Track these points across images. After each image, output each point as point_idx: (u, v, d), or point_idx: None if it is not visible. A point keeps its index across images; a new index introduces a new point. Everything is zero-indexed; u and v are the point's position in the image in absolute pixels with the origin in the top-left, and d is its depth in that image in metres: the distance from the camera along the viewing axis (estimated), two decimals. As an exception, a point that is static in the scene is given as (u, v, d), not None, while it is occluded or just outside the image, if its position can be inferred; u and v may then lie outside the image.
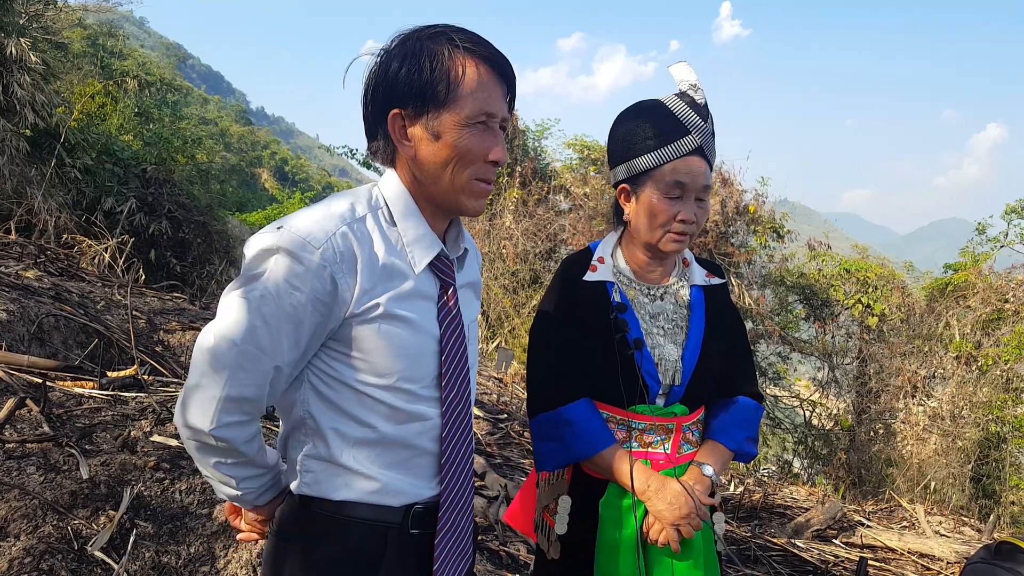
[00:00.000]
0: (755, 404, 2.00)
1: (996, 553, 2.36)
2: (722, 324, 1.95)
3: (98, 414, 3.54)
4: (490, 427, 5.90)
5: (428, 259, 1.35)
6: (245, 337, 1.22)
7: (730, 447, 1.92)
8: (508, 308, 12.76)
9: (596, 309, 1.85)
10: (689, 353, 1.87)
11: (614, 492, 1.84)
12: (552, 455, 1.86)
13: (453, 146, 1.29)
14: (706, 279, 1.97)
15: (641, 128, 1.82)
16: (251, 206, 26.11)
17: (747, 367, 2.03)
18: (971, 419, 10.68)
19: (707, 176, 1.80)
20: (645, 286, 1.91)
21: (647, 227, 1.84)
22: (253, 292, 1.23)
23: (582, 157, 13.66)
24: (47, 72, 10.26)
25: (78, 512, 2.73)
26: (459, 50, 1.29)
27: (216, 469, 1.34)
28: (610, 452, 1.81)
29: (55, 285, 5.76)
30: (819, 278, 12.18)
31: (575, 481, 1.91)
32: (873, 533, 5.29)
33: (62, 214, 9.11)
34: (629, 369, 1.80)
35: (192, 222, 11.72)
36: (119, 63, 17.61)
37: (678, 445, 1.88)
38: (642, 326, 1.86)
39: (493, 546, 3.52)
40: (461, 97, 1.28)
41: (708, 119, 1.80)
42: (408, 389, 1.33)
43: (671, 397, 1.87)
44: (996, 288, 11.09)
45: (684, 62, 1.85)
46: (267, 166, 66.72)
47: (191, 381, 1.26)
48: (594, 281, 1.88)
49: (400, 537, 1.36)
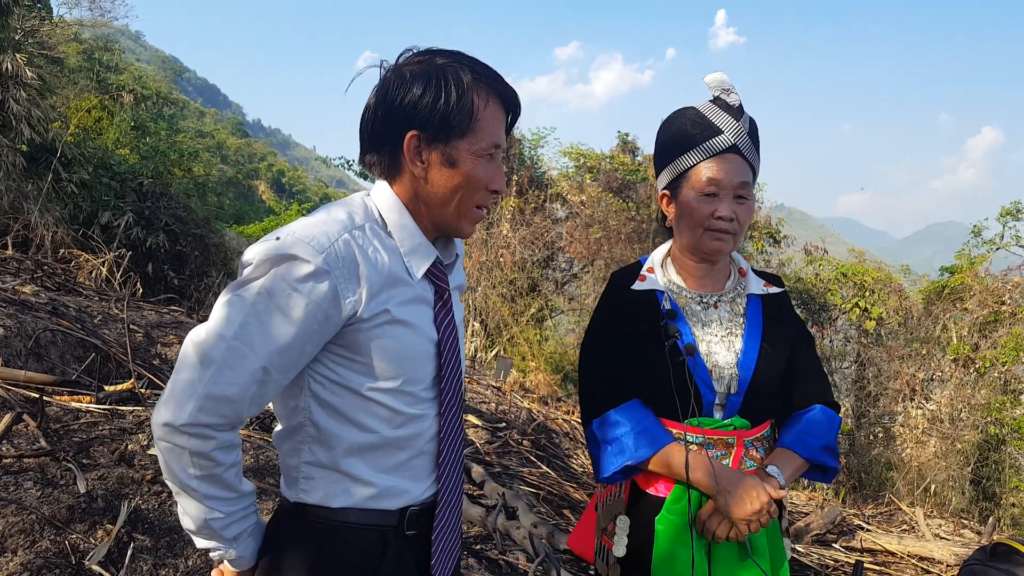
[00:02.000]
0: (831, 413, 1.88)
1: (992, 555, 2.37)
2: (783, 333, 1.87)
3: (95, 428, 3.54)
4: (488, 436, 5.89)
5: (426, 266, 1.38)
6: (236, 333, 1.21)
7: (802, 454, 1.80)
8: (506, 316, 12.77)
9: (646, 318, 1.81)
10: (745, 360, 1.79)
11: (672, 508, 1.75)
12: (609, 459, 1.77)
13: (466, 174, 1.34)
14: (764, 288, 1.91)
15: (676, 134, 1.84)
16: (248, 218, 26.14)
17: (818, 377, 1.93)
18: (970, 421, 10.69)
19: (743, 173, 1.78)
20: (697, 294, 1.87)
21: (687, 228, 1.82)
22: (249, 291, 1.22)
23: (578, 165, 13.71)
24: (43, 87, 10.29)
25: (76, 526, 2.73)
26: (481, 83, 1.34)
27: (184, 480, 1.24)
28: (673, 449, 1.73)
29: (52, 300, 5.77)
30: (816, 283, 12.21)
31: (633, 499, 1.83)
32: (873, 537, 5.30)
33: (59, 229, 9.13)
34: (681, 377, 1.74)
35: (189, 235, 11.74)
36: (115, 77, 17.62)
37: (739, 460, 1.78)
38: (694, 333, 1.81)
39: (492, 555, 3.51)
40: (479, 129, 1.33)
41: (742, 119, 1.79)
42: (410, 391, 1.35)
43: (729, 409, 1.79)
44: (992, 290, 11.13)
45: (719, 72, 1.87)
46: (264, 178, 66.75)
47: (174, 376, 1.23)
48: (643, 290, 1.85)
49: (397, 540, 1.37)
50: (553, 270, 13.93)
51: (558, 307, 13.87)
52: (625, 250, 12.07)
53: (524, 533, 3.54)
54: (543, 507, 4.57)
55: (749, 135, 1.80)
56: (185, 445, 1.21)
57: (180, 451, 1.22)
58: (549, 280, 13.84)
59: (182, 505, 1.29)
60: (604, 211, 12.53)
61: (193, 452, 1.22)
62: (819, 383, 1.92)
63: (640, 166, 13.18)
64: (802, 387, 1.88)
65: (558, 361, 12.49)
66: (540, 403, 8.38)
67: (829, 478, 1.90)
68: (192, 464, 1.23)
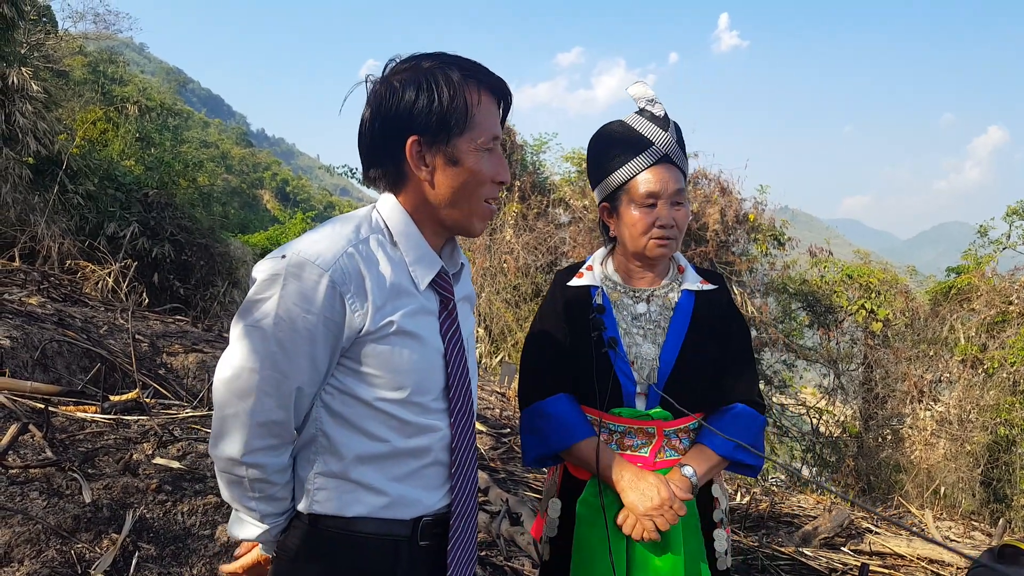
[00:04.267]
0: (751, 412, 1.94)
1: (1000, 557, 2.35)
2: (714, 329, 1.93)
3: (100, 438, 3.56)
4: (493, 442, 5.89)
5: (430, 277, 1.40)
6: (264, 364, 1.26)
7: (718, 452, 1.88)
8: (511, 322, 12.76)
9: (578, 312, 1.92)
10: (666, 353, 1.87)
11: (591, 491, 1.86)
12: (531, 447, 1.91)
13: (471, 170, 1.36)
14: (699, 284, 1.99)
15: (608, 149, 1.94)
16: (253, 227, 26.23)
17: (745, 374, 1.99)
18: (979, 423, 10.62)
19: (677, 180, 1.88)
20: (631, 290, 1.96)
21: (631, 238, 1.91)
22: (266, 319, 1.25)
23: (580, 170, 13.71)
24: (49, 100, 10.36)
25: (81, 536, 2.73)
26: (470, 78, 1.36)
27: (244, 503, 1.35)
28: (586, 444, 1.84)
29: (58, 311, 5.80)
30: (821, 285, 12.16)
31: (564, 484, 1.95)
32: (882, 540, 5.26)
33: (65, 240, 9.17)
34: (604, 368, 1.84)
35: (195, 245, 11.78)
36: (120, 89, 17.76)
37: (658, 450, 1.88)
38: (621, 326, 1.90)
39: (497, 561, 3.51)
40: (476, 124, 1.35)
41: (669, 128, 1.88)
42: (419, 402, 1.36)
43: (651, 400, 1.87)
44: (1000, 290, 11.06)
45: (641, 81, 1.99)
46: (268, 187, 67.01)
47: (218, 413, 1.29)
48: (579, 286, 1.97)
49: (411, 550, 1.38)
50: (557, 275, 13.93)
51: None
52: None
53: (528, 539, 3.54)
54: (549, 513, 4.56)
55: (678, 142, 1.89)
56: (244, 475, 1.31)
57: (240, 480, 1.32)
58: (554, 285, 13.83)
59: (243, 520, 1.39)
60: (608, 216, 12.51)
61: (252, 479, 1.32)
62: (745, 380, 1.98)
63: (643, 170, 13.13)
64: (727, 383, 1.95)
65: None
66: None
67: (754, 473, 1.98)
68: (252, 489, 1.33)
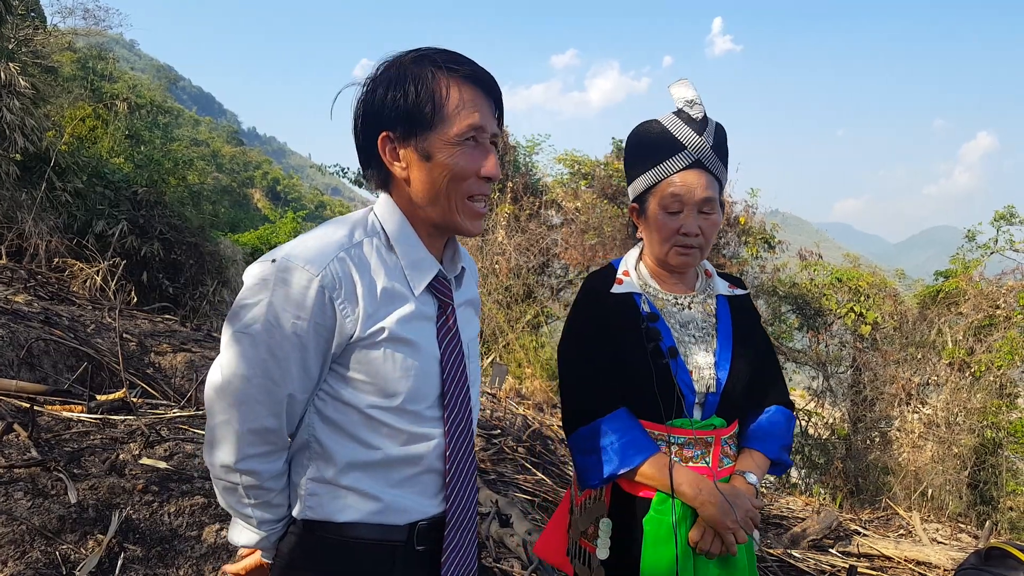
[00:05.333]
0: (788, 413, 1.96)
1: (987, 559, 2.36)
2: (749, 334, 1.92)
3: (87, 438, 3.52)
4: (484, 443, 5.88)
5: (426, 281, 1.36)
6: (255, 372, 1.24)
7: (767, 455, 1.87)
8: (502, 323, 12.75)
9: (626, 320, 1.83)
10: (721, 360, 1.83)
11: (659, 508, 1.77)
12: (595, 469, 1.78)
13: (445, 165, 1.31)
14: (729, 290, 1.96)
15: (641, 149, 1.87)
16: (244, 226, 26.10)
17: (777, 377, 2.00)
18: (966, 426, 10.69)
19: (707, 188, 1.79)
20: (672, 296, 1.90)
21: (654, 242, 1.87)
22: (255, 324, 1.23)
23: (573, 172, 13.72)
24: (37, 96, 10.27)
25: (66, 537, 2.71)
26: (442, 71, 1.30)
27: (240, 510, 1.35)
28: (654, 460, 1.75)
29: (45, 309, 5.75)
30: (811, 288, 12.21)
31: (614, 502, 1.84)
32: (869, 542, 5.28)
33: (53, 238, 9.09)
34: (665, 379, 1.75)
35: (184, 243, 11.71)
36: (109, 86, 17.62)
37: (719, 459, 1.82)
38: (674, 335, 1.83)
39: (486, 563, 3.49)
40: (448, 117, 1.29)
41: (705, 132, 1.80)
42: (414, 410, 1.34)
43: (707, 408, 1.82)
44: (987, 294, 11.15)
45: (684, 80, 1.86)
46: (259, 186, 66.70)
47: (211, 421, 1.29)
48: (621, 293, 1.87)
49: (406, 555, 1.36)
50: (548, 276, 13.92)
51: (554, 313, 13.85)
52: (620, 255, 12.01)
53: (518, 540, 3.53)
54: (539, 514, 4.55)
55: (714, 148, 1.81)
56: (238, 482, 1.31)
57: (235, 487, 1.32)
58: (544, 287, 13.83)
59: (240, 526, 1.39)
60: (599, 217, 12.53)
61: (247, 487, 1.32)
62: (778, 384, 1.99)
63: (635, 172, 13.14)
64: (764, 387, 1.94)
65: (554, 367, 12.47)
66: (535, 409, 8.37)
67: (782, 472, 1.97)
68: (247, 496, 1.33)
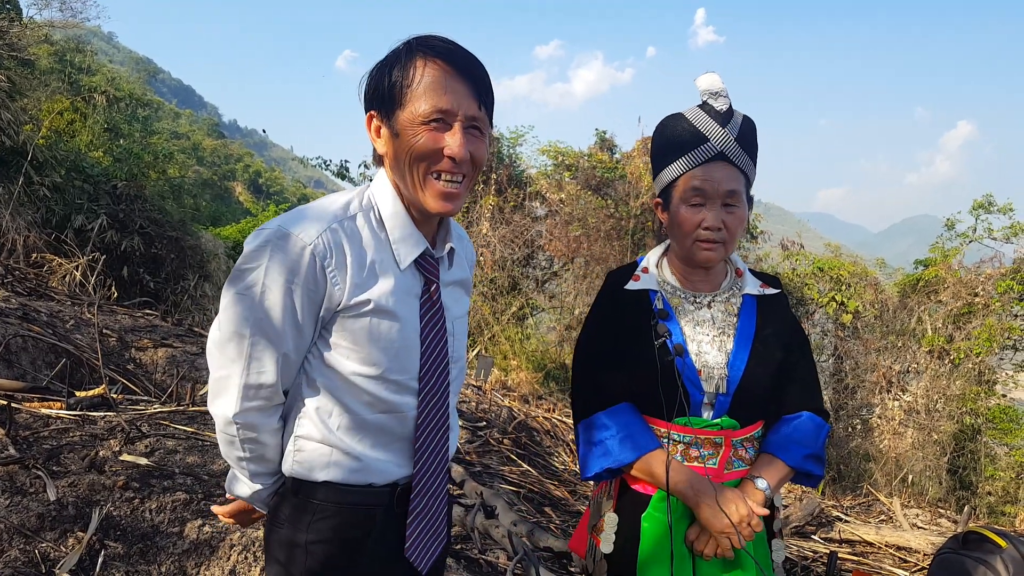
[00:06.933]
0: (819, 421, 1.87)
1: (964, 543, 2.40)
2: (777, 335, 1.85)
3: (66, 435, 3.49)
4: (469, 435, 5.88)
5: (413, 257, 1.43)
6: (252, 330, 1.33)
7: (788, 462, 1.79)
8: (487, 315, 12.75)
9: (638, 317, 1.81)
10: (735, 360, 1.78)
11: (658, 506, 1.77)
12: (594, 461, 1.79)
13: (408, 142, 1.37)
14: (760, 289, 1.89)
15: (664, 142, 1.84)
16: (225, 220, 25.87)
17: (810, 382, 1.91)
18: (946, 412, 10.84)
19: (731, 181, 1.76)
20: (691, 295, 1.86)
21: (677, 237, 1.83)
22: (254, 287, 1.32)
23: (557, 163, 13.71)
24: (13, 90, 10.12)
25: (46, 535, 2.68)
26: (418, 54, 1.36)
27: (236, 461, 1.44)
28: (654, 456, 1.74)
29: (23, 305, 5.67)
30: (793, 277, 12.31)
31: (622, 498, 1.85)
32: (851, 528, 5.34)
33: (31, 233, 8.97)
34: (670, 376, 1.73)
35: (165, 238, 11.59)
36: (88, 79, 17.34)
37: (726, 461, 1.78)
38: (686, 333, 1.81)
39: (472, 554, 3.50)
40: (416, 97, 1.35)
41: (729, 124, 1.77)
42: (396, 380, 1.41)
43: (718, 409, 1.78)
44: (966, 282, 11.29)
45: (712, 72, 1.83)
46: (241, 179, 66.14)
47: (214, 374, 1.39)
48: (637, 290, 1.86)
49: (386, 515, 1.45)
50: (533, 268, 13.93)
51: (539, 305, 13.87)
52: (604, 247, 12.08)
53: (503, 532, 3.54)
54: (524, 505, 4.56)
55: (739, 140, 1.78)
56: (235, 434, 1.40)
57: (232, 439, 1.41)
58: (529, 278, 13.85)
59: (237, 478, 1.50)
60: (583, 209, 12.54)
61: (243, 439, 1.40)
62: (810, 388, 1.90)
63: (618, 164, 13.19)
64: (792, 391, 1.87)
65: (539, 359, 12.50)
66: (521, 401, 8.38)
67: (815, 483, 1.90)
68: (243, 449, 1.42)
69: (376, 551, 1.44)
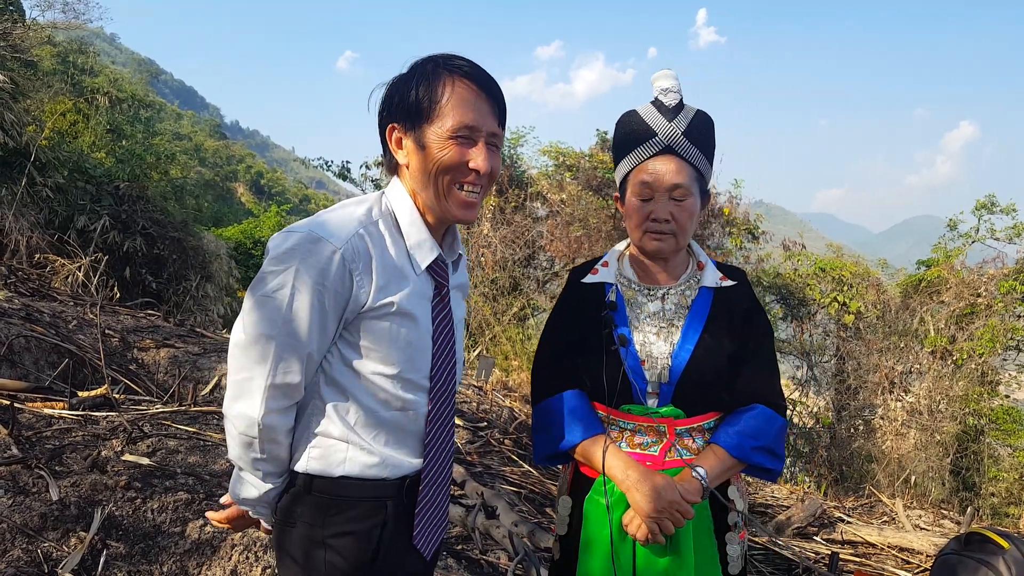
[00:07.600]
0: (771, 413, 1.86)
1: (966, 544, 2.39)
2: (731, 327, 1.86)
3: (68, 435, 3.49)
4: (470, 435, 5.88)
5: (428, 261, 1.50)
6: (281, 330, 1.36)
7: (733, 454, 1.80)
8: (488, 316, 12.75)
9: (591, 309, 1.90)
10: (679, 351, 1.82)
11: (599, 490, 1.81)
12: (541, 445, 1.90)
13: (434, 155, 1.44)
14: (718, 281, 1.92)
15: (620, 138, 1.93)
16: (227, 220, 25.90)
17: (766, 374, 1.90)
18: (948, 413, 10.81)
19: (676, 174, 1.81)
20: (646, 287, 1.93)
21: (630, 229, 1.90)
22: (283, 289, 1.36)
23: (557, 164, 13.70)
24: (16, 91, 10.14)
25: (48, 534, 2.68)
26: (446, 72, 1.46)
27: (251, 462, 1.45)
28: (595, 442, 1.81)
29: (26, 306, 5.68)
30: (795, 278, 12.28)
31: (575, 482, 1.93)
32: (853, 529, 5.34)
33: (34, 234, 8.99)
34: (614, 365, 1.81)
35: (167, 238, 11.61)
36: (90, 80, 17.37)
37: (668, 449, 1.82)
38: (633, 324, 1.87)
39: (473, 555, 3.50)
40: (443, 113, 1.43)
41: (677, 119, 1.83)
42: (410, 378, 1.47)
43: (662, 398, 1.82)
44: (968, 283, 11.26)
45: (666, 70, 1.91)
46: (242, 180, 66.18)
47: (236, 376, 1.40)
48: (593, 283, 1.95)
49: (397, 508, 1.49)
50: (534, 269, 13.92)
51: (540, 306, 13.86)
52: (605, 247, 12.03)
53: (504, 532, 3.54)
54: (525, 506, 4.56)
55: (688, 133, 1.83)
56: (256, 435, 1.41)
57: (252, 440, 1.42)
58: (530, 279, 13.83)
59: (245, 480, 1.49)
60: (584, 209, 12.53)
61: (264, 440, 1.42)
62: (766, 381, 1.90)
63: (619, 164, 13.13)
64: (746, 383, 1.87)
65: (541, 360, 12.44)
66: (522, 401, 8.37)
67: (772, 478, 1.92)
68: (261, 451, 1.43)
69: (389, 541, 1.49)
